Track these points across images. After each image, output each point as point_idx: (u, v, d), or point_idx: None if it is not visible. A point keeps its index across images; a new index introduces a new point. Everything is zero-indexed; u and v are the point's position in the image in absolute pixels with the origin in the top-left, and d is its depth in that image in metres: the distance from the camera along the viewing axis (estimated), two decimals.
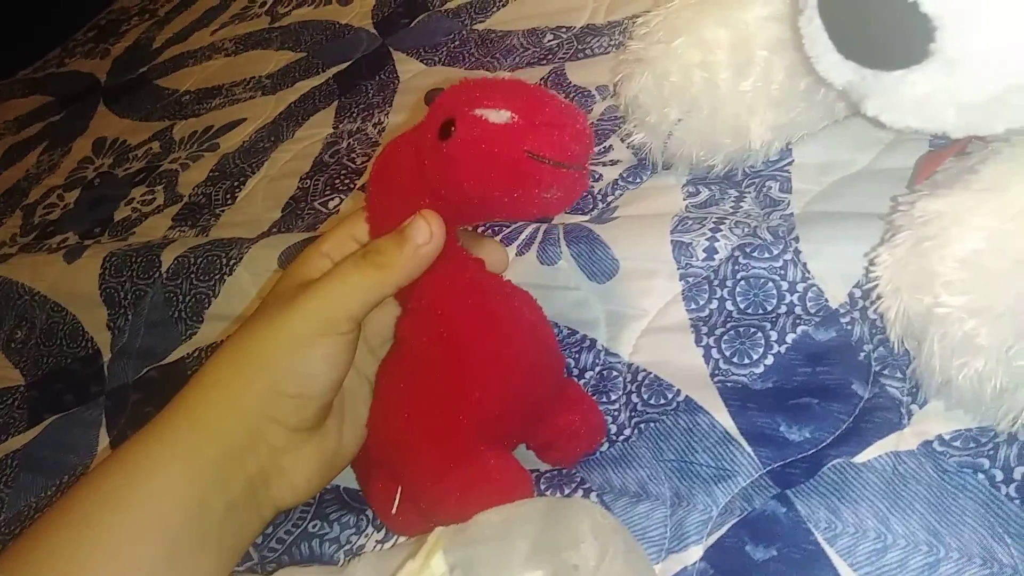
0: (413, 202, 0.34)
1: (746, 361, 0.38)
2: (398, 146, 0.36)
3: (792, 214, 0.42)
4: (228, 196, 0.71)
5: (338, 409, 0.38)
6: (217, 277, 0.58)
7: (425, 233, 0.33)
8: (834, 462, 0.33)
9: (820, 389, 0.35)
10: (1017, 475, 0.30)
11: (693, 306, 0.41)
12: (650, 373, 0.40)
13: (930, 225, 0.30)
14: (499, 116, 0.31)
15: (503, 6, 0.73)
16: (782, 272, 0.40)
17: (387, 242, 0.34)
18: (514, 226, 0.49)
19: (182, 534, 0.33)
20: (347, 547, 0.40)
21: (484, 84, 0.33)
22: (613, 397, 0.40)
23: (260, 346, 0.35)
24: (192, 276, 0.59)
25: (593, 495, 0.37)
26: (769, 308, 0.39)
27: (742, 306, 0.40)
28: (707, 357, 0.39)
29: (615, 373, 0.41)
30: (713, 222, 0.43)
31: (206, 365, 0.36)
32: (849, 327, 0.37)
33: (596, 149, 0.53)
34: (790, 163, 0.45)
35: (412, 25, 0.78)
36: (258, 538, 0.38)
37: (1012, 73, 0.26)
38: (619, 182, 0.50)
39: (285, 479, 0.36)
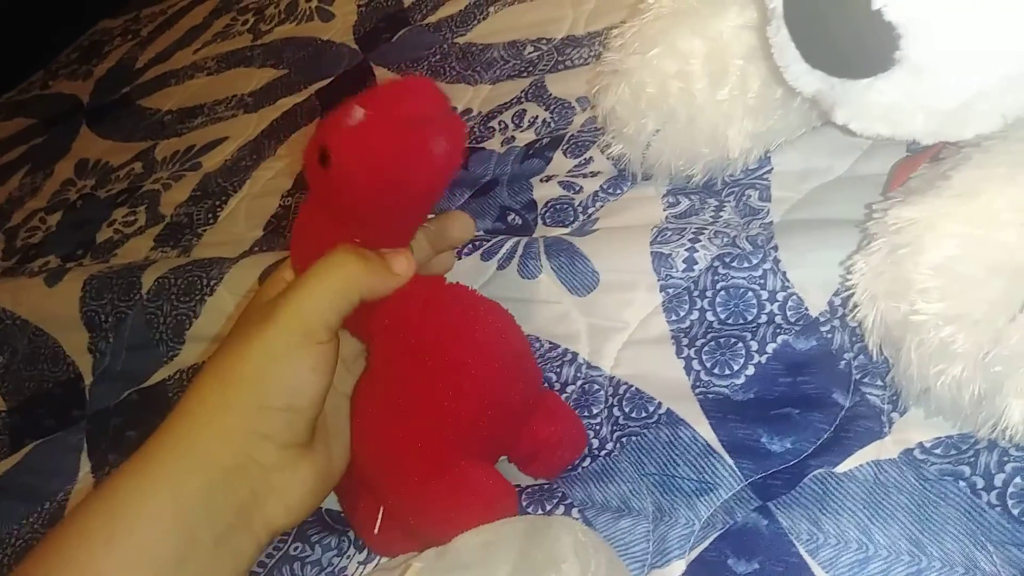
0: (331, 243, 0.36)
1: (727, 372, 0.38)
2: (307, 204, 0.38)
3: (771, 223, 0.42)
4: (210, 216, 0.70)
5: (323, 427, 0.37)
6: (198, 298, 0.58)
7: (404, 264, 0.36)
8: (815, 472, 0.33)
9: (801, 399, 0.35)
10: (998, 482, 0.30)
11: (674, 317, 0.41)
12: (631, 386, 0.39)
13: (904, 232, 0.30)
14: (355, 117, 0.33)
15: (484, 19, 0.73)
16: (762, 281, 0.40)
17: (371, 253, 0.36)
18: (494, 240, 0.49)
19: (173, 570, 0.32)
20: (329, 569, 0.40)
21: (338, 107, 0.35)
22: (595, 411, 0.39)
23: (241, 363, 0.34)
24: (173, 297, 0.59)
25: (575, 511, 0.36)
26: (749, 318, 0.39)
27: (722, 316, 0.40)
28: (688, 369, 0.39)
29: (596, 387, 0.40)
30: (692, 232, 0.43)
31: (188, 392, 0.35)
32: (829, 335, 0.37)
33: (576, 161, 0.53)
34: (769, 171, 0.45)
35: (393, 40, 0.78)
36: None
37: (977, 80, 0.26)
38: (599, 193, 0.50)
39: (278, 499, 0.35)
